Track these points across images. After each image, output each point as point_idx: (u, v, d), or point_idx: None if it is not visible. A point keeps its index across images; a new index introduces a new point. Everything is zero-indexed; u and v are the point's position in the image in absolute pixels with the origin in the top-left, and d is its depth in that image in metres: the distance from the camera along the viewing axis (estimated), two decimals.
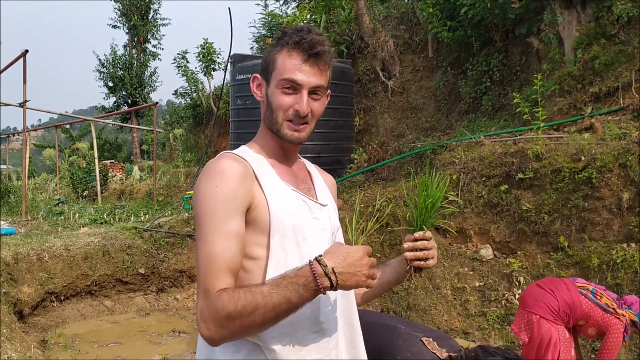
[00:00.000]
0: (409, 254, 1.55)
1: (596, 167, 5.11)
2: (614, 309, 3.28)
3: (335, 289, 1.31)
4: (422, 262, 1.54)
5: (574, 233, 5.26)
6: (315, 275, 1.28)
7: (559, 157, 5.46)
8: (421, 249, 1.55)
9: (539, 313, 3.31)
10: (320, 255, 1.32)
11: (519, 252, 5.67)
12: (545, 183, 5.50)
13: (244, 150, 1.52)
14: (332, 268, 1.29)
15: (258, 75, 1.55)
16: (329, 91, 1.54)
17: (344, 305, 1.58)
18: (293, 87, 1.45)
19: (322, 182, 1.69)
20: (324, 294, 1.31)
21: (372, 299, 1.80)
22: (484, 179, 6.02)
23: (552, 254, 5.37)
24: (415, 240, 1.55)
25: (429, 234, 1.56)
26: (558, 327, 3.28)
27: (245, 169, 1.42)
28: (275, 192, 1.46)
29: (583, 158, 5.28)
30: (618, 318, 3.25)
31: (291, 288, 1.27)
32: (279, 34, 1.51)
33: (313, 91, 1.47)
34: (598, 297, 3.31)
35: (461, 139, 6.87)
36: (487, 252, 5.91)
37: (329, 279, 1.28)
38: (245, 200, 1.39)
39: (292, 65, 1.44)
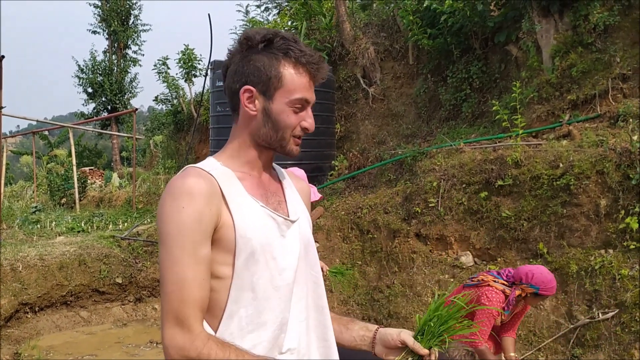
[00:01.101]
0: None
1: (574, 174, 5.15)
2: (483, 280, 3.37)
3: None
4: None
5: (552, 239, 5.29)
6: None
7: (537, 164, 5.49)
8: None
9: None
10: None
11: (499, 259, 5.68)
12: (524, 190, 5.52)
13: (211, 164, 1.46)
14: None
15: (252, 88, 1.44)
16: None
17: (316, 320, 1.54)
18: (302, 105, 1.46)
19: (295, 191, 1.63)
20: None
21: None
22: (464, 185, 6.03)
23: (531, 260, 5.39)
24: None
25: (425, 351, 1.50)
26: None
27: (211, 187, 1.36)
28: (243, 210, 1.40)
29: (561, 165, 5.32)
30: (488, 285, 3.33)
31: None
32: (261, 40, 1.43)
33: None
34: (472, 279, 3.47)
35: (441, 146, 6.89)
36: (467, 259, 5.91)
37: None
38: (212, 222, 1.34)
39: (302, 84, 1.44)
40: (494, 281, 3.34)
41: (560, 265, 5.12)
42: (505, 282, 3.35)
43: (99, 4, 22.77)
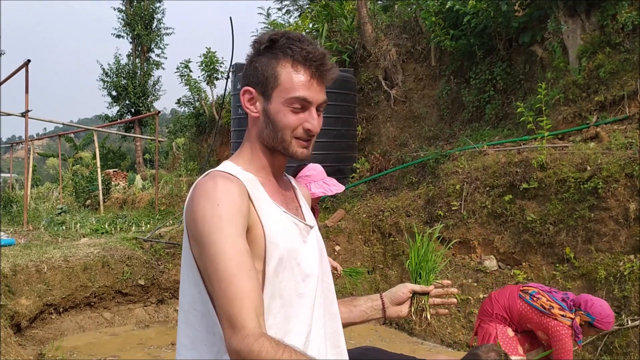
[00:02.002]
0: (436, 300, 1.73)
1: (602, 177, 5.02)
2: (549, 309, 3.24)
3: None
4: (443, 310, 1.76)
5: (580, 244, 5.17)
6: None
7: (564, 166, 5.38)
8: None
9: (479, 317, 3.60)
10: None
11: (523, 264, 5.57)
12: (550, 193, 5.41)
13: (232, 168, 1.42)
14: None
15: (251, 89, 1.42)
16: None
17: (330, 327, 1.52)
18: (302, 104, 1.37)
19: (303, 197, 1.61)
20: None
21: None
22: (487, 188, 5.94)
23: (557, 265, 5.28)
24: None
25: (431, 287, 1.73)
26: (497, 327, 3.44)
27: (241, 189, 1.33)
28: (269, 215, 1.37)
29: (589, 168, 5.20)
30: (556, 319, 3.22)
31: None
32: (265, 41, 1.40)
33: (319, 106, 1.41)
34: (535, 300, 3.33)
35: (464, 149, 6.80)
36: (491, 263, 5.81)
37: None
38: (247, 220, 1.30)
39: (300, 82, 1.35)
40: (562, 315, 3.21)
41: (588, 270, 5.00)
42: (571, 315, 3.23)
43: (123, 8, 23.12)
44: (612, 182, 4.98)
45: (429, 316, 1.69)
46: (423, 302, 1.70)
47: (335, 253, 6.84)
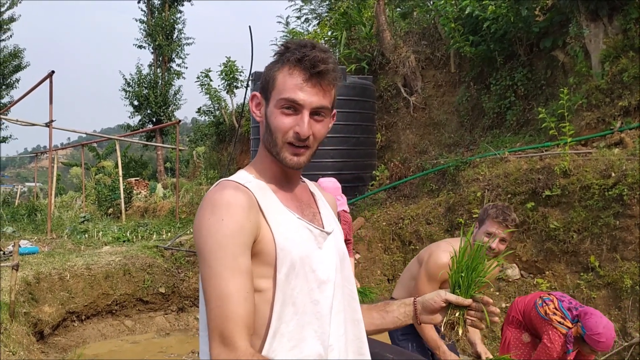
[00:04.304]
0: (472, 313, 1.58)
1: (627, 184, 4.92)
2: (550, 316, 3.25)
3: None
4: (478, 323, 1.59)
5: (604, 252, 5.06)
6: None
7: (587, 173, 5.28)
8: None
9: (505, 320, 3.68)
10: None
11: (547, 272, 5.47)
12: (574, 200, 5.31)
13: (244, 177, 1.42)
14: None
15: (257, 94, 1.44)
16: (334, 112, 1.45)
17: (353, 334, 1.50)
18: (293, 107, 1.35)
19: (326, 203, 1.59)
20: None
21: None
22: (509, 196, 5.86)
23: (582, 274, 5.17)
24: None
25: (468, 301, 1.57)
26: (512, 330, 3.51)
27: (249, 200, 1.33)
28: (280, 222, 1.36)
29: (613, 174, 5.09)
30: (551, 324, 3.23)
31: None
32: (281, 49, 1.41)
33: (316, 112, 1.37)
34: (543, 305, 3.34)
35: (485, 155, 6.72)
36: (513, 272, 5.72)
37: None
38: (252, 234, 1.30)
39: (292, 84, 1.34)
40: (560, 323, 3.20)
41: (613, 279, 4.89)
42: (570, 325, 3.19)
43: (145, 19, 23.47)
44: (637, 188, 4.87)
45: (460, 332, 1.54)
46: (457, 315, 1.55)
47: (356, 261, 6.80)
